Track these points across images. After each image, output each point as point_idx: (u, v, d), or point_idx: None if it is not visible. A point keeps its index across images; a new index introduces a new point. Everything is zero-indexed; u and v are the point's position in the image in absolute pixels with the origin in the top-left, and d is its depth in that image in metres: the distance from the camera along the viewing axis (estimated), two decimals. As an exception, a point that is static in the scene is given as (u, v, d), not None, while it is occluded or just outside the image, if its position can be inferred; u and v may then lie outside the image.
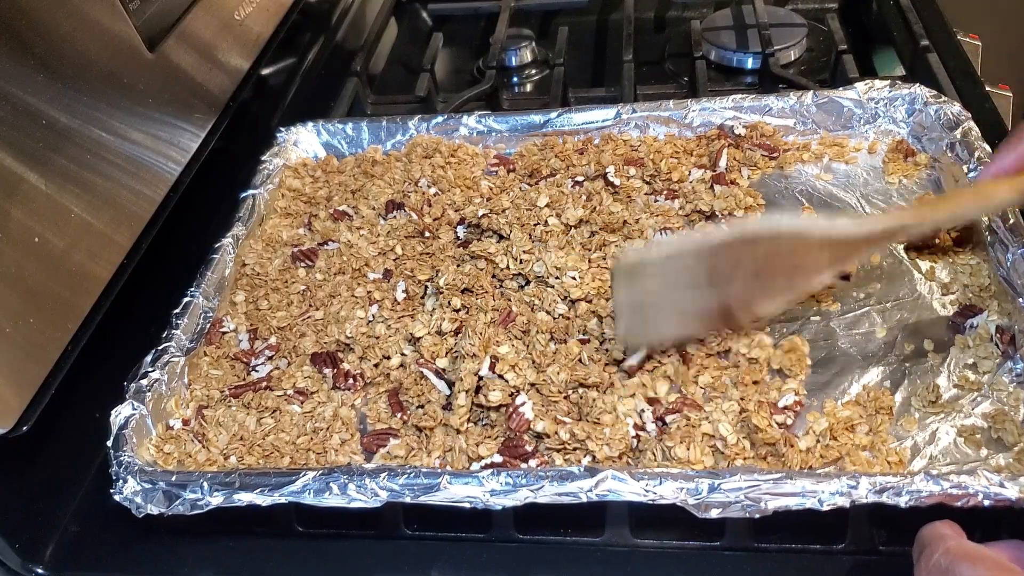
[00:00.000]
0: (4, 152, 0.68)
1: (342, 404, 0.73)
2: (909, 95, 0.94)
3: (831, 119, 0.96)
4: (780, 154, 0.94)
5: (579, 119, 0.98)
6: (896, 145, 0.92)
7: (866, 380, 0.72)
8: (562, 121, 0.98)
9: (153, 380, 0.73)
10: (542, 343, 0.73)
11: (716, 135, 0.95)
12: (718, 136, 0.95)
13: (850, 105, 0.95)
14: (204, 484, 0.64)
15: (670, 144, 0.95)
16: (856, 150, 0.94)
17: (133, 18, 0.83)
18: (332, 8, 1.37)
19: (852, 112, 0.95)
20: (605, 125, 0.97)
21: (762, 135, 0.95)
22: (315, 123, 1.02)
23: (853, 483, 0.59)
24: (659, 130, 0.97)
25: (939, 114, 0.91)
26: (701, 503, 0.61)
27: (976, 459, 0.65)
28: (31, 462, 0.72)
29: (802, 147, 0.95)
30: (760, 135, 0.95)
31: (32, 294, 0.68)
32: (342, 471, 0.64)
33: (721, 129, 0.96)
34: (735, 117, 0.96)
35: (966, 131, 0.87)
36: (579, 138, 0.98)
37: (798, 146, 0.95)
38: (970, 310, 0.75)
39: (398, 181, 0.95)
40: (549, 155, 0.95)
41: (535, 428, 0.68)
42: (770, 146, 0.94)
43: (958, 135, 0.87)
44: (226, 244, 0.86)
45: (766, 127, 0.95)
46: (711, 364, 0.73)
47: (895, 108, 0.95)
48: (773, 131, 0.95)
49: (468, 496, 0.62)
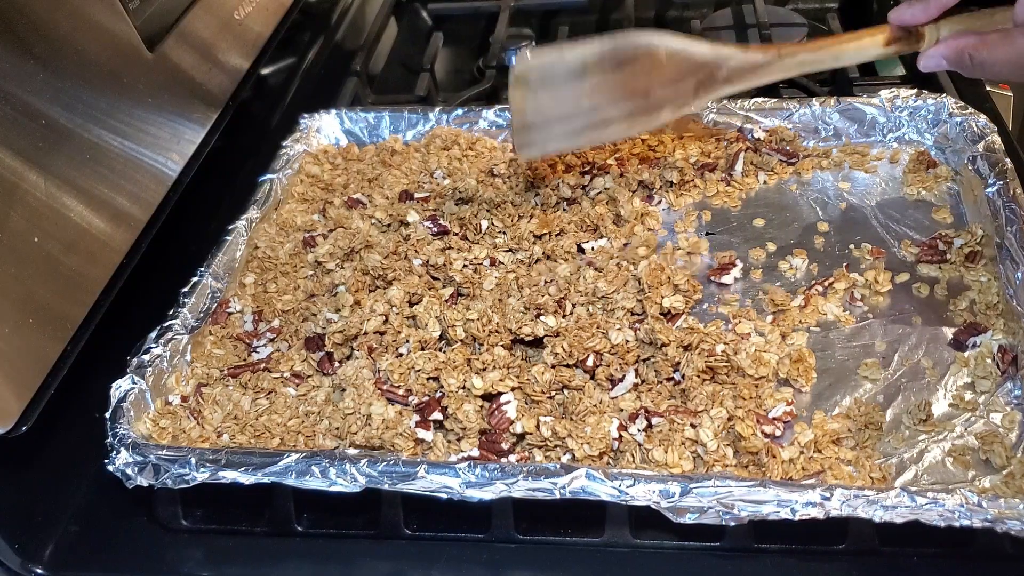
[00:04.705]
0: (4, 152, 0.68)
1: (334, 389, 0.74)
2: (935, 105, 0.92)
3: (853, 127, 0.95)
4: (799, 160, 0.93)
5: (597, 117, 0.98)
6: (918, 156, 0.91)
7: (859, 394, 0.71)
8: (580, 118, 0.98)
9: (155, 356, 0.75)
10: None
11: (735, 137, 0.94)
12: (736, 139, 0.94)
13: (874, 113, 0.94)
14: (192, 460, 0.66)
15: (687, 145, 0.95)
16: (877, 159, 0.93)
17: (133, 18, 0.84)
18: (332, 8, 1.38)
19: (875, 120, 0.94)
20: (623, 124, 0.97)
21: (782, 140, 0.94)
22: (338, 111, 1.04)
23: (827, 494, 0.59)
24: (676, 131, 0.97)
25: (963, 126, 0.89)
26: (674, 507, 0.61)
27: (963, 480, 0.64)
28: (31, 462, 0.73)
29: (822, 154, 0.94)
30: (780, 139, 0.94)
31: (31, 294, 0.69)
32: (325, 455, 0.65)
33: (740, 132, 0.95)
34: (755, 121, 0.95)
35: (989, 144, 0.85)
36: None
37: (818, 152, 0.94)
38: (974, 328, 0.74)
39: (414, 171, 0.96)
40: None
41: (514, 430, 0.68)
42: (789, 151, 0.93)
43: (981, 148, 0.85)
44: (239, 227, 0.87)
45: (786, 132, 0.94)
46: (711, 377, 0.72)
47: (920, 118, 0.93)
48: (794, 136, 0.94)
49: (444, 486, 0.63)
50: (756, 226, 0.88)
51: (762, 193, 0.91)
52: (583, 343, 0.72)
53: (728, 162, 0.93)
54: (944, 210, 0.86)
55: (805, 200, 0.90)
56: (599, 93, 0.79)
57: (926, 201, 0.88)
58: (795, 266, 0.82)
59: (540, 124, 0.80)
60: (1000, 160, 0.83)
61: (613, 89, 0.79)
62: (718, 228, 0.88)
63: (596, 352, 0.72)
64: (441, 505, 0.63)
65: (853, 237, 0.85)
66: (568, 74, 0.78)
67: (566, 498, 0.62)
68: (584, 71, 0.78)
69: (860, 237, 0.85)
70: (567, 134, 0.81)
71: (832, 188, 0.90)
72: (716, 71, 0.79)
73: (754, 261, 0.84)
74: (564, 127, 0.81)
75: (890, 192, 0.89)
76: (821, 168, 0.93)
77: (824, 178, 0.92)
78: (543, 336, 0.74)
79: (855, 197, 0.89)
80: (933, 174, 0.89)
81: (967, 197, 0.86)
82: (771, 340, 0.75)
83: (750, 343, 0.74)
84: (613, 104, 0.80)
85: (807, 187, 0.91)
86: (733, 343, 0.73)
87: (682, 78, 0.79)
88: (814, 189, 0.91)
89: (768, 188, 0.92)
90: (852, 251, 0.83)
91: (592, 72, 0.78)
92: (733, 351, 0.72)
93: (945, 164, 0.90)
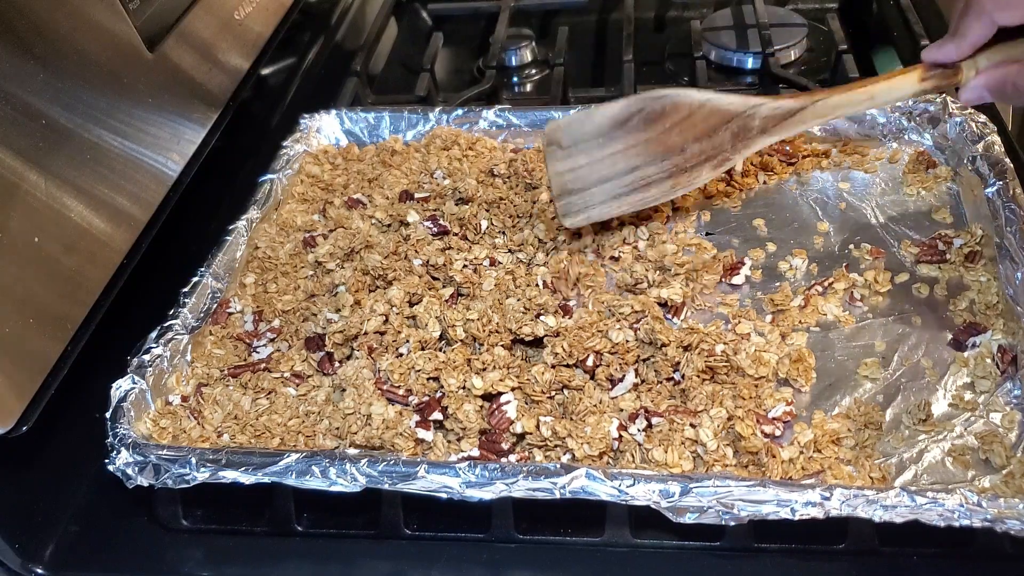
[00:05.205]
0: (4, 152, 0.68)
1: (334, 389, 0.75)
2: (935, 105, 0.92)
3: (854, 126, 0.95)
4: (798, 160, 0.93)
5: (598, 116, 0.98)
6: (917, 156, 0.91)
7: (858, 394, 0.71)
8: (581, 118, 0.98)
9: (156, 356, 0.75)
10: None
11: (734, 138, 0.94)
12: (736, 139, 0.94)
13: (874, 113, 0.94)
14: (192, 459, 0.66)
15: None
16: (877, 159, 0.93)
17: (133, 18, 0.84)
18: (332, 8, 1.38)
19: (875, 120, 0.94)
20: (624, 123, 0.97)
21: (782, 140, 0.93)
22: (338, 111, 1.04)
23: (827, 494, 0.59)
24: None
25: (963, 126, 0.89)
26: (674, 506, 0.61)
27: (962, 480, 0.64)
28: (31, 462, 0.73)
29: (822, 154, 0.94)
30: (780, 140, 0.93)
31: (31, 294, 0.69)
32: (325, 455, 0.65)
33: (740, 132, 0.95)
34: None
35: (989, 144, 0.86)
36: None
37: (817, 152, 0.94)
38: (974, 328, 0.74)
39: (414, 171, 0.96)
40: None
41: (514, 430, 0.68)
42: (788, 151, 0.93)
43: (980, 148, 0.85)
44: (240, 227, 0.87)
45: (786, 132, 0.94)
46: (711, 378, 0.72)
47: (920, 118, 0.93)
48: (794, 136, 0.94)
49: (444, 486, 0.63)
50: (756, 226, 0.88)
51: (762, 193, 0.91)
52: (583, 343, 0.72)
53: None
54: (944, 210, 0.86)
55: (805, 200, 0.90)
56: (634, 152, 0.79)
57: (926, 201, 0.88)
58: (795, 266, 0.82)
59: (579, 189, 0.80)
60: (1000, 160, 0.83)
61: (647, 147, 0.79)
62: (718, 228, 0.88)
63: (596, 352, 0.73)
64: (441, 505, 0.63)
65: (853, 237, 0.85)
66: (598, 134, 0.78)
67: (566, 498, 0.62)
68: (615, 130, 0.78)
69: (860, 237, 0.85)
70: (609, 198, 0.81)
71: (832, 188, 0.90)
72: (749, 121, 0.79)
73: (754, 261, 0.84)
74: (605, 191, 0.80)
75: (890, 192, 0.89)
76: (821, 168, 0.93)
77: (824, 178, 0.92)
78: (543, 336, 0.74)
79: (855, 197, 0.89)
80: (933, 174, 0.89)
81: (967, 197, 0.86)
82: (771, 340, 0.75)
83: (750, 343, 0.74)
84: (650, 163, 0.79)
85: (807, 187, 0.91)
86: (733, 343, 0.73)
87: (715, 131, 0.79)
88: (814, 189, 0.91)
89: (768, 188, 0.92)
90: (852, 251, 0.84)
91: (623, 131, 0.78)
92: (733, 351, 0.72)
93: (945, 164, 0.90)
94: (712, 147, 0.79)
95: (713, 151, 0.80)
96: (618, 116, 0.78)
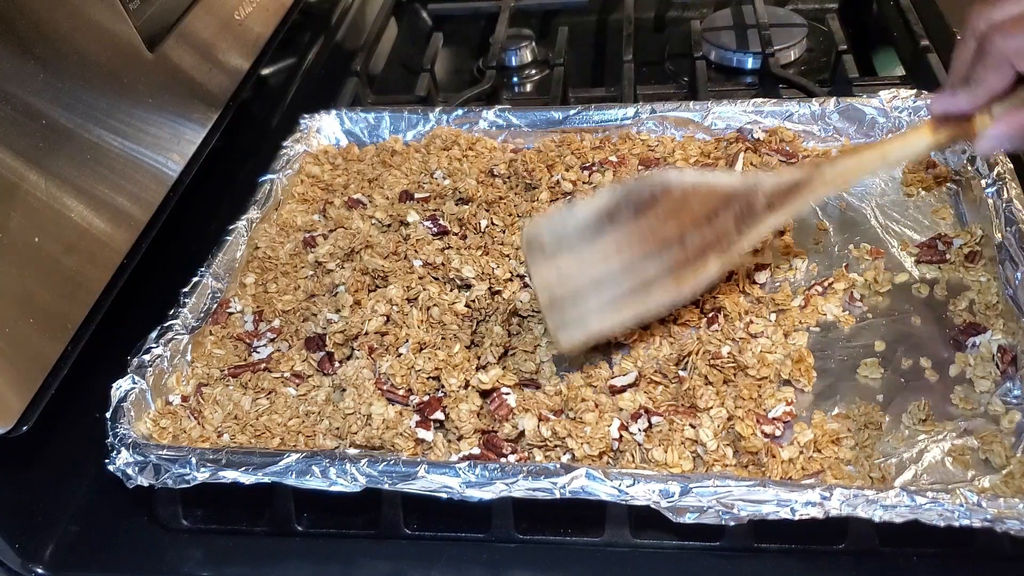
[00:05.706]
0: (4, 152, 0.68)
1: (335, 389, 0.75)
2: (934, 105, 0.92)
3: (853, 127, 0.95)
4: (798, 160, 0.93)
5: (598, 117, 0.98)
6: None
7: (859, 394, 0.71)
8: (581, 118, 0.98)
9: (156, 356, 0.75)
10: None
11: (734, 138, 0.94)
12: (736, 139, 0.94)
13: (873, 113, 0.94)
14: (192, 459, 0.66)
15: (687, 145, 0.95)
16: (877, 159, 0.93)
17: (133, 18, 0.84)
18: (332, 8, 1.38)
19: (875, 120, 0.94)
20: (624, 124, 0.97)
21: (781, 140, 0.94)
22: (338, 111, 1.04)
23: (827, 494, 0.59)
24: (676, 131, 0.97)
25: (963, 125, 0.89)
26: (674, 506, 0.61)
27: (962, 480, 0.64)
28: (31, 462, 0.73)
29: (821, 154, 0.94)
30: (779, 140, 0.94)
31: (31, 294, 0.69)
32: (325, 455, 0.65)
33: (740, 133, 0.95)
34: (754, 121, 0.95)
35: (989, 144, 0.85)
36: (597, 136, 0.98)
37: (817, 153, 0.94)
38: (974, 328, 0.74)
39: (415, 172, 0.96)
40: (566, 152, 0.95)
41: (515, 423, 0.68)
42: (788, 152, 0.93)
43: (980, 148, 0.85)
44: (240, 227, 0.88)
45: (786, 132, 0.94)
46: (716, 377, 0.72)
47: (919, 118, 0.93)
48: (793, 136, 0.94)
49: (444, 486, 0.63)
50: (756, 226, 0.87)
51: (762, 193, 0.91)
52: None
53: (728, 162, 0.92)
54: (944, 210, 0.86)
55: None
56: (625, 247, 0.71)
57: (926, 201, 0.88)
58: (795, 266, 0.83)
59: (571, 297, 0.71)
60: (1000, 160, 0.83)
61: (640, 240, 0.71)
62: (718, 228, 0.88)
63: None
64: (441, 505, 0.63)
65: (853, 237, 0.85)
66: (584, 229, 0.71)
67: (566, 498, 0.62)
68: (601, 224, 0.71)
69: (860, 237, 0.85)
70: (605, 305, 0.71)
71: (832, 188, 0.90)
72: (753, 200, 0.71)
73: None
74: (600, 297, 0.71)
75: (890, 192, 0.89)
76: (821, 168, 0.93)
77: (824, 178, 0.92)
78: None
79: (855, 197, 0.89)
80: (933, 174, 0.89)
81: (967, 197, 0.86)
82: (776, 340, 0.75)
83: (756, 343, 0.74)
84: (646, 259, 0.71)
85: (807, 187, 0.91)
86: (742, 342, 0.73)
87: (715, 215, 0.71)
88: (814, 189, 0.91)
89: (768, 188, 0.92)
90: (852, 251, 0.84)
91: (611, 224, 0.71)
92: (739, 351, 0.72)
93: (945, 164, 0.90)
94: (715, 234, 0.71)
95: (715, 237, 0.71)
96: (603, 208, 0.71)
